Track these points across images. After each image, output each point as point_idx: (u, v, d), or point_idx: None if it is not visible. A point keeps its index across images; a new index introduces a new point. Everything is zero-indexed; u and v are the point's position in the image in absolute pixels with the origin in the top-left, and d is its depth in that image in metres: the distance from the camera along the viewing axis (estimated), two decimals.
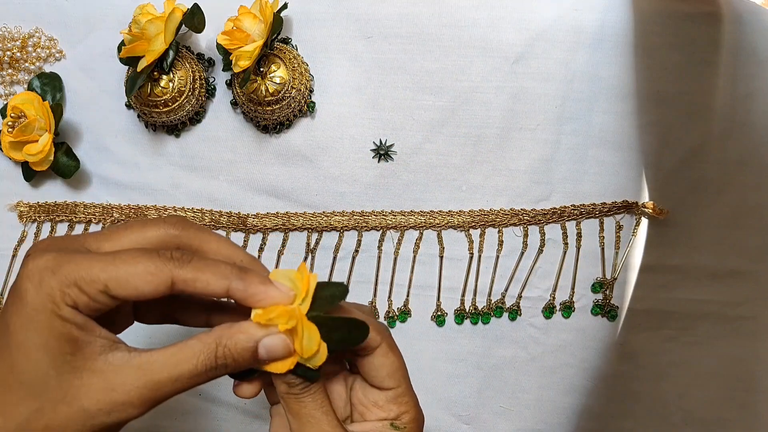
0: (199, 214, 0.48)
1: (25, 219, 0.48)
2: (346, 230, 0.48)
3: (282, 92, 0.44)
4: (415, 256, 0.48)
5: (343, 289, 0.32)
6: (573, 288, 0.48)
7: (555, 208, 0.48)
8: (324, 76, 0.47)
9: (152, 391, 0.28)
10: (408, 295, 0.48)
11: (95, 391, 0.28)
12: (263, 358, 0.31)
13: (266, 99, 0.44)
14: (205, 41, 0.48)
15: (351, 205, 0.48)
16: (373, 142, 0.47)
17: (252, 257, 0.33)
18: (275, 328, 0.31)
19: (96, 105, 0.48)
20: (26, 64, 0.48)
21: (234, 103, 0.47)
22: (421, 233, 0.48)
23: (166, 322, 0.35)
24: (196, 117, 0.47)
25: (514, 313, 0.48)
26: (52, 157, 0.46)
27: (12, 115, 0.45)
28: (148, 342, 0.47)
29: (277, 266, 0.48)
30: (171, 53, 0.44)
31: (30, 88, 0.48)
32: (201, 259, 0.30)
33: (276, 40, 0.45)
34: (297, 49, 0.47)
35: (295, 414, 0.32)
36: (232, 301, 0.31)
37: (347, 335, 0.32)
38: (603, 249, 0.48)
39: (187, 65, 0.45)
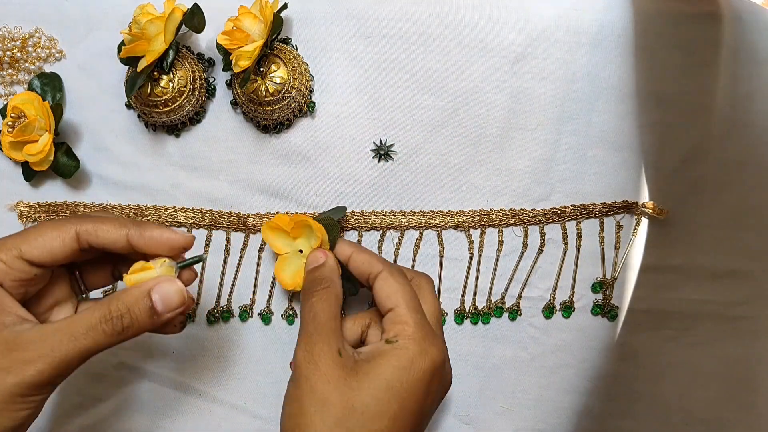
0: (199, 214, 0.48)
1: (25, 219, 0.48)
2: (346, 230, 0.48)
3: (282, 92, 0.44)
4: (415, 257, 0.48)
5: (343, 208, 0.46)
6: (573, 288, 0.48)
7: (555, 208, 0.48)
8: (324, 76, 0.47)
9: (54, 362, 0.31)
10: None
11: (34, 362, 0.31)
12: (160, 309, 0.33)
13: (266, 99, 0.44)
14: (205, 41, 0.48)
15: (351, 205, 0.48)
16: (373, 142, 0.47)
17: (141, 221, 0.36)
18: (167, 276, 0.33)
19: (96, 105, 0.48)
20: (26, 64, 0.48)
21: (234, 103, 0.47)
22: (421, 233, 0.48)
23: (117, 281, 0.40)
24: (196, 117, 0.47)
25: (514, 313, 0.48)
26: (52, 157, 0.46)
27: (12, 115, 0.45)
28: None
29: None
30: (171, 53, 0.44)
31: (30, 88, 0.48)
32: (101, 216, 0.35)
33: (276, 40, 0.45)
34: (297, 49, 0.47)
35: (301, 310, 0.38)
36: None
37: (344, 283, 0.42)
38: (603, 249, 0.48)
39: (187, 65, 0.45)
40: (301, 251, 0.44)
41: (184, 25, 0.43)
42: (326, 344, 0.35)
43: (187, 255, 0.37)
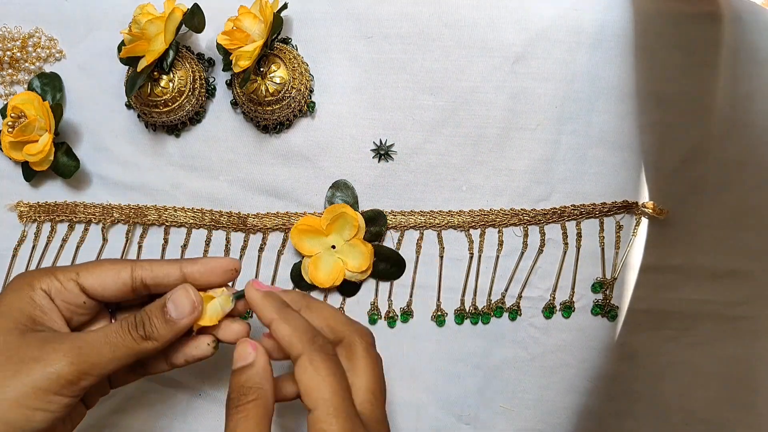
0: (199, 214, 0.48)
1: (25, 219, 0.48)
2: None
3: (282, 92, 0.44)
4: (418, 257, 0.48)
5: (384, 220, 0.47)
6: (573, 288, 0.48)
7: (555, 208, 0.48)
8: (324, 76, 0.47)
9: (88, 355, 0.33)
10: (411, 296, 0.48)
11: (65, 353, 0.32)
12: (174, 316, 0.34)
13: (266, 99, 0.44)
14: (205, 41, 0.48)
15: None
16: (373, 142, 0.47)
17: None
18: (183, 285, 0.35)
19: (96, 105, 0.48)
20: (26, 64, 0.48)
21: (234, 103, 0.47)
22: (421, 233, 0.48)
23: (139, 377, 0.39)
24: (196, 117, 0.47)
25: (514, 313, 0.48)
26: (52, 157, 0.46)
27: (12, 115, 0.45)
28: None
29: (276, 266, 0.48)
30: (171, 53, 0.44)
31: (30, 88, 0.48)
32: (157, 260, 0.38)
33: (276, 40, 0.45)
34: (297, 49, 0.47)
35: (227, 422, 0.33)
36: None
37: (389, 267, 0.46)
38: (603, 249, 0.48)
39: (187, 65, 0.45)
40: (333, 247, 0.45)
41: (184, 25, 0.43)
42: None
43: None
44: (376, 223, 0.46)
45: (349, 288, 0.47)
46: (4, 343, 0.32)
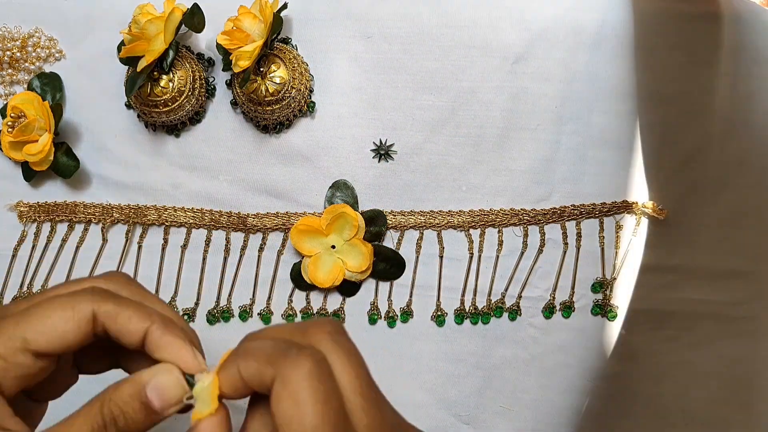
0: (199, 214, 0.48)
1: (25, 219, 0.48)
2: None
3: (282, 92, 0.44)
4: (417, 257, 0.48)
5: (384, 221, 0.46)
6: (573, 288, 0.48)
7: (555, 208, 0.48)
8: (324, 76, 0.47)
9: None
10: (411, 296, 0.48)
11: None
12: (156, 405, 0.26)
13: (266, 99, 0.44)
14: (205, 41, 0.48)
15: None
16: (373, 142, 0.47)
17: (181, 319, 0.30)
18: (165, 366, 0.27)
19: (96, 105, 0.48)
20: (26, 64, 0.48)
21: (234, 103, 0.47)
22: (421, 233, 0.48)
23: (113, 368, 0.32)
24: (196, 117, 0.47)
25: (514, 313, 0.48)
26: (52, 157, 0.46)
27: (12, 115, 0.45)
28: None
29: (276, 266, 0.48)
30: (171, 53, 0.44)
31: (30, 88, 0.48)
32: (124, 298, 0.28)
33: (276, 40, 0.45)
34: (297, 49, 0.47)
35: None
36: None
37: (389, 268, 0.46)
38: (603, 249, 0.48)
39: (187, 65, 0.45)
40: (333, 247, 0.45)
41: (183, 25, 0.43)
42: None
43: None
44: (376, 223, 0.47)
45: (349, 288, 0.47)
46: None
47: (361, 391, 0.26)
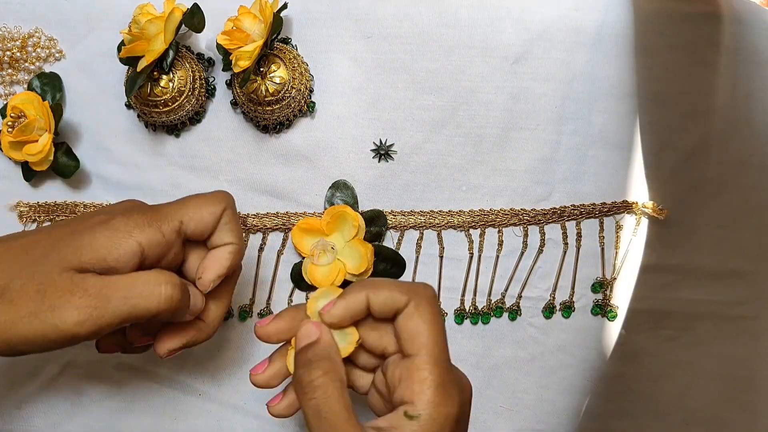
0: None
1: (25, 219, 0.48)
2: None
3: (282, 92, 0.44)
4: (417, 257, 0.48)
5: (383, 220, 0.47)
6: (573, 288, 0.48)
7: (555, 208, 0.48)
8: (324, 76, 0.47)
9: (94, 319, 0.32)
10: None
11: (79, 310, 0.31)
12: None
13: (266, 99, 0.44)
14: (205, 41, 0.48)
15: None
16: (373, 142, 0.47)
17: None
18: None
19: (96, 105, 0.48)
20: (26, 64, 0.48)
21: (234, 103, 0.47)
22: (421, 233, 0.48)
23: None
24: (196, 117, 0.47)
25: (514, 313, 0.48)
26: (52, 157, 0.46)
27: (12, 115, 0.45)
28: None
29: (276, 266, 0.48)
30: (171, 53, 0.44)
31: (30, 88, 0.48)
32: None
33: (276, 40, 0.45)
34: (297, 49, 0.47)
35: (303, 411, 0.31)
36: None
37: (389, 268, 0.46)
38: (603, 249, 0.48)
39: (187, 65, 0.45)
40: (333, 248, 0.45)
41: (183, 25, 0.43)
42: None
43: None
44: (376, 223, 0.47)
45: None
46: (47, 263, 0.32)
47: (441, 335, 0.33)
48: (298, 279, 0.47)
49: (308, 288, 0.47)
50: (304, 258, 0.47)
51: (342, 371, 0.32)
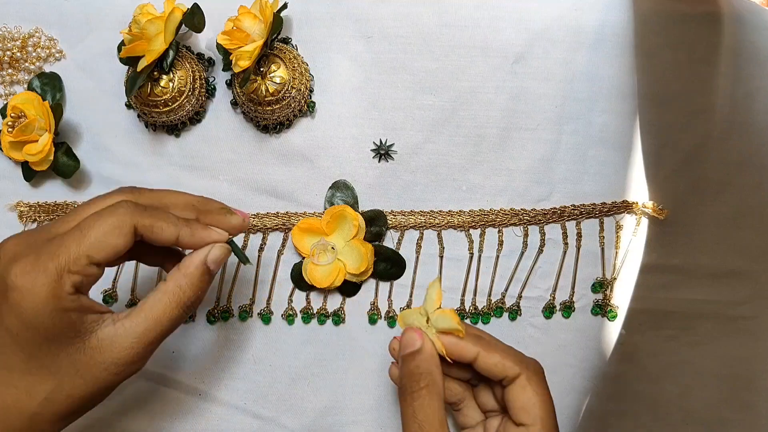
0: None
1: (25, 219, 0.48)
2: None
3: (282, 92, 0.44)
4: (418, 257, 0.48)
5: (383, 220, 0.46)
6: (573, 288, 0.48)
7: (555, 208, 0.48)
8: (324, 76, 0.47)
9: (145, 345, 0.33)
10: (411, 296, 0.48)
11: (100, 362, 0.32)
12: (212, 268, 0.35)
13: (266, 99, 0.44)
14: (205, 41, 0.48)
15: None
16: (373, 142, 0.47)
17: (203, 198, 0.37)
18: (216, 245, 0.36)
19: (96, 105, 0.48)
20: (26, 64, 0.48)
21: (234, 103, 0.47)
22: (421, 233, 0.48)
23: (130, 260, 0.41)
24: (196, 117, 0.47)
25: (514, 313, 0.48)
26: (52, 157, 0.46)
27: (12, 115, 0.45)
28: None
29: (276, 266, 0.48)
30: (171, 53, 0.44)
31: (30, 88, 0.48)
32: (155, 208, 0.35)
33: (276, 40, 0.45)
34: (297, 49, 0.47)
35: (401, 414, 0.35)
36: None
37: (389, 268, 0.47)
38: (603, 249, 0.48)
39: (187, 65, 0.45)
40: (333, 248, 0.45)
41: (183, 25, 0.43)
42: None
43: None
44: (376, 223, 0.47)
45: (349, 288, 0.47)
46: (57, 366, 0.32)
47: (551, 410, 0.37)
48: (299, 279, 0.47)
49: (308, 288, 0.47)
50: (304, 258, 0.47)
51: (441, 385, 0.36)
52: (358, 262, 0.45)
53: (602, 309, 0.48)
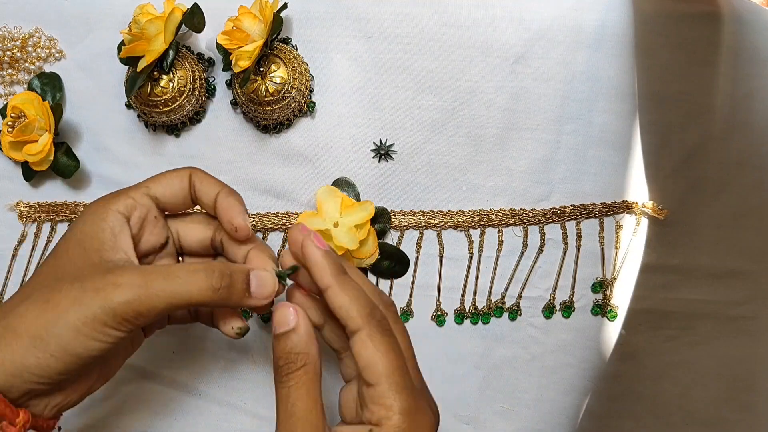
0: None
1: (25, 219, 0.48)
2: None
3: (282, 92, 0.44)
4: (417, 257, 0.48)
5: (388, 217, 0.46)
6: (573, 288, 0.48)
7: (555, 208, 0.48)
8: (324, 76, 0.47)
9: (148, 291, 0.31)
10: (411, 296, 0.48)
11: (123, 288, 0.31)
12: (253, 291, 0.34)
13: (266, 99, 0.44)
14: (205, 41, 0.48)
15: None
16: (373, 142, 0.47)
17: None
18: (264, 269, 0.35)
19: (96, 105, 0.48)
20: (26, 64, 0.48)
21: (234, 103, 0.47)
22: (421, 233, 0.48)
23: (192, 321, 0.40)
24: (196, 117, 0.47)
25: (514, 313, 0.48)
26: (52, 157, 0.46)
27: (12, 115, 0.45)
28: None
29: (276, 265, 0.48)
30: (171, 53, 0.44)
31: (30, 88, 0.48)
32: (203, 173, 0.37)
33: (276, 40, 0.45)
34: (297, 49, 0.47)
35: (276, 397, 0.33)
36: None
37: (393, 265, 0.46)
38: (603, 249, 0.48)
39: (187, 65, 0.45)
40: (336, 225, 0.44)
41: (183, 25, 0.43)
42: None
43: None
44: (380, 220, 0.46)
45: None
46: (71, 269, 0.32)
47: (412, 359, 0.35)
48: None
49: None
50: None
51: (319, 363, 0.33)
52: (352, 241, 0.44)
53: (602, 309, 0.48)
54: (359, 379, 0.33)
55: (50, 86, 0.47)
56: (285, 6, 0.45)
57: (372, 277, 0.48)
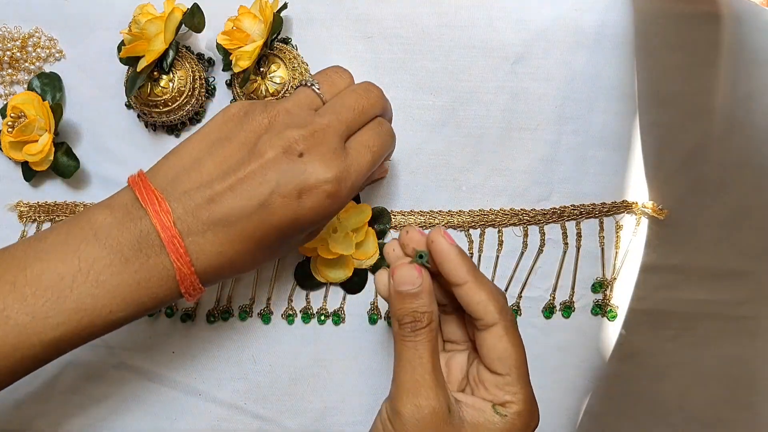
0: None
1: (25, 219, 0.48)
2: None
3: (282, 92, 0.44)
4: None
5: (388, 218, 0.47)
6: (573, 288, 0.48)
7: (555, 208, 0.48)
8: None
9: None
10: None
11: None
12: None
13: (266, 99, 0.44)
14: (205, 41, 0.48)
15: None
16: None
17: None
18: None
19: (96, 105, 0.48)
20: (26, 64, 0.48)
21: None
22: None
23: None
24: (196, 117, 0.47)
25: (514, 313, 0.48)
26: (52, 157, 0.46)
27: (12, 115, 0.45)
28: (148, 342, 0.47)
29: (276, 266, 0.48)
30: (171, 53, 0.44)
31: (30, 88, 0.48)
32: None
33: (276, 40, 0.45)
34: (297, 49, 0.47)
35: (397, 354, 0.35)
36: None
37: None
38: (603, 249, 0.48)
39: (187, 65, 0.45)
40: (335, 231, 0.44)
41: (183, 25, 0.43)
42: (435, 400, 0.33)
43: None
44: (380, 221, 0.46)
45: (352, 285, 0.47)
46: None
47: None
48: (303, 279, 0.47)
49: (315, 287, 0.47)
50: (304, 258, 0.47)
51: (438, 322, 0.35)
52: (349, 247, 0.44)
53: (602, 309, 0.48)
54: (478, 364, 0.36)
55: (50, 86, 0.47)
56: (285, 6, 0.45)
57: (371, 279, 0.48)
